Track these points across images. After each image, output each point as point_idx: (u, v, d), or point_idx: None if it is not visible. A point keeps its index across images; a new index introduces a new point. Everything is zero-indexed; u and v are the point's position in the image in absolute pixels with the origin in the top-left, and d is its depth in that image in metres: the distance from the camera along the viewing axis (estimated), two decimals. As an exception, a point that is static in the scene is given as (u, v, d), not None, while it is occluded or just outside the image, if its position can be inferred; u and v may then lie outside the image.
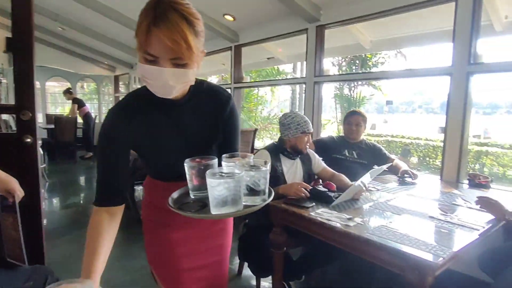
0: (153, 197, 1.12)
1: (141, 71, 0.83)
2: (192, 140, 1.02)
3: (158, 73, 0.81)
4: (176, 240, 1.09)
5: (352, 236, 1.32)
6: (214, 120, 1.04)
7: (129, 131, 0.94)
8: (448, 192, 2.03)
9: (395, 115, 50.55)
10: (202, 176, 0.85)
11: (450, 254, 1.15)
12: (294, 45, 4.18)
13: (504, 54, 5.87)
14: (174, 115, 0.98)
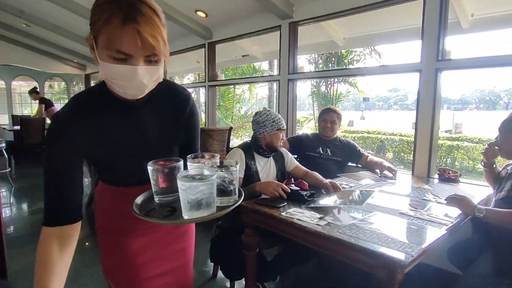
0: (108, 204, 1.03)
1: (108, 72, 0.75)
2: (152, 142, 0.95)
3: (132, 72, 0.74)
4: (137, 249, 1.01)
5: (323, 235, 1.30)
6: (174, 120, 0.98)
7: (81, 135, 0.84)
8: (419, 187, 2.05)
9: (372, 112, 51.97)
10: (168, 179, 0.82)
11: (418, 251, 1.14)
12: (269, 42, 4.15)
13: (471, 50, 6.12)
14: (132, 116, 0.91)
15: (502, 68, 2.30)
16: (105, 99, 0.85)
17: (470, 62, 2.23)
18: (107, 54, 0.72)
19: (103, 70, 0.75)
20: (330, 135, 2.61)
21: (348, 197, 1.69)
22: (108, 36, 0.71)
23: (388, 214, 1.51)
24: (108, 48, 0.72)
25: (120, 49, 0.71)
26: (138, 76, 0.75)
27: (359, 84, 10.65)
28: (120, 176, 0.99)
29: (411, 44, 2.96)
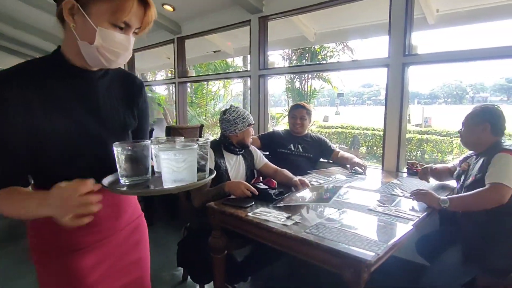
0: (44, 217, 0.78)
1: (107, 39, 0.75)
2: (107, 121, 0.87)
3: (127, 42, 0.78)
4: (86, 267, 0.88)
5: (289, 236, 1.25)
6: (128, 104, 0.94)
7: (26, 104, 0.74)
8: (388, 182, 2.06)
9: (346, 107, 53.06)
10: (137, 160, 0.81)
11: (385, 249, 1.12)
12: (241, 38, 4.07)
13: (439, 46, 6.30)
14: (88, 88, 0.84)
15: (467, 63, 2.35)
16: (60, 66, 0.80)
17: (436, 57, 2.25)
18: (109, 21, 0.74)
19: (100, 36, 0.74)
20: (301, 131, 2.58)
21: (316, 195, 1.66)
22: (114, 5, 0.73)
23: (356, 211, 1.49)
24: (113, 16, 0.74)
25: (127, 20, 0.75)
26: (130, 45, 0.80)
27: (333, 80, 10.78)
28: (68, 167, 0.83)
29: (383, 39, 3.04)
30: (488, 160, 1.58)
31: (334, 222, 1.34)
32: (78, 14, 0.74)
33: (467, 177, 1.71)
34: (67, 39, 0.79)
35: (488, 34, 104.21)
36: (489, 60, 2.14)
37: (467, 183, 1.67)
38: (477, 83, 67.09)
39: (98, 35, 0.74)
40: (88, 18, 0.73)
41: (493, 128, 1.66)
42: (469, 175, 1.70)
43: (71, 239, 0.86)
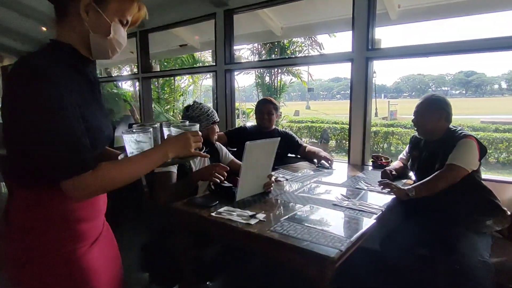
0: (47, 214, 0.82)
1: (117, 32, 0.87)
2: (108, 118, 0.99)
3: (125, 36, 0.91)
4: (97, 259, 0.91)
5: (253, 235, 1.22)
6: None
7: (71, 93, 0.79)
8: (354, 175, 2.08)
9: (317, 102, 54.03)
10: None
11: (348, 244, 1.12)
12: (208, 32, 3.97)
13: (400, 40, 6.52)
14: (92, 77, 0.93)
15: (429, 58, 2.41)
16: (76, 56, 0.87)
17: (398, 51, 2.30)
18: (118, 18, 0.87)
19: (113, 29, 0.86)
20: (269, 126, 2.56)
21: (282, 190, 1.63)
22: (123, 4, 0.86)
23: (321, 206, 1.48)
24: (118, 13, 0.86)
25: (127, 16, 0.88)
26: (126, 39, 0.92)
27: (302, 75, 10.88)
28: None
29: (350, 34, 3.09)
30: (447, 148, 1.69)
31: (298, 219, 1.32)
32: (92, 11, 0.82)
33: (422, 156, 1.83)
34: (72, 32, 0.84)
35: (448, 30, 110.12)
36: (448, 55, 2.21)
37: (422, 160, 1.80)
38: (438, 77, 70.47)
39: (112, 29, 0.85)
40: (103, 14, 0.83)
41: (447, 116, 1.78)
42: (423, 154, 1.82)
43: (79, 230, 0.88)
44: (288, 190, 1.76)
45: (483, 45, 1.98)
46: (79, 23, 0.83)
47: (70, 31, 0.84)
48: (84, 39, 0.85)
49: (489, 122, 12.50)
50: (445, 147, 1.72)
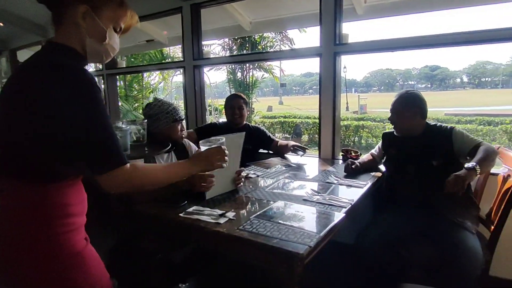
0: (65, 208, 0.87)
1: (113, 39, 0.94)
2: None
3: (118, 41, 0.97)
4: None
5: (221, 235, 1.19)
6: None
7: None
8: (324, 170, 2.09)
9: (289, 97, 54.51)
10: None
11: (317, 239, 1.11)
12: (176, 27, 3.86)
13: (367, 35, 6.69)
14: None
15: (396, 53, 2.47)
16: (83, 59, 0.93)
17: (365, 46, 2.33)
18: (112, 25, 0.93)
19: (109, 35, 0.92)
20: (240, 122, 2.52)
21: (253, 187, 1.61)
22: (117, 13, 0.92)
23: (292, 202, 1.47)
24: (113, 21, 0.92)
25: (121, 23, 0.95)
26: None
27: (274, 70, 10.91)
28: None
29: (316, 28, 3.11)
30: (440, 142, 1.75)
31: (268, 216, 1.31)
32: (89, 17, 0.88)
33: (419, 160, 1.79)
34: (71, 36, 0.88)
35: (414, 25, 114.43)
36: (412, 49, 2.26)
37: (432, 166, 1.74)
38: (405, 71, 73.17)
39: (107, 35, 0.91)
40: (99, 21, 0.89)
41: (423, 112, 1.80)
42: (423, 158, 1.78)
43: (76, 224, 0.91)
44: (259, 186, 1.74)
45: (446, 39, 2.03)
46: (76, 29, 0.88)
47: (69, 35, 0.89)
48: (82, 44, 0.90)
49: (452, 114, 13.17)
50: (434, 142, 1.76)
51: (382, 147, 2.06)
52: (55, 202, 0.85)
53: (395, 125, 1.90)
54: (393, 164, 1.93)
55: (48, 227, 0.84)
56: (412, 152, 1.84)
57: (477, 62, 64.82)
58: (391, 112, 1.90)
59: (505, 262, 1.85)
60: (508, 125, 8.72)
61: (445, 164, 1.72)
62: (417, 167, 1.80)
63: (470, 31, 1.96)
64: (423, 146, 1.80)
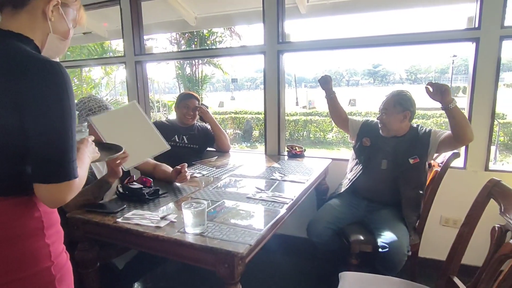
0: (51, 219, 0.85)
1: (68, 34, 0.89)
2: None
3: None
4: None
5: (161, 239, 1.15)
6: None
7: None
8: (270, 166, 2.13)
9: (241, 92, 54.59)
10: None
11: (258, 237, 1.13)
12: (116, 19, 3.65)
13: (309, 34, 6.88)
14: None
15: (342, 50, 2.56)
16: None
17: (307, 45, 2.39)
18: (73, 22, 0.90)
19: (68, 30, 0.88)
20: (192, 122, 2.47)
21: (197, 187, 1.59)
22: (79, 13, 0.91)
23: (235, 201, 1.48)
24: (75, 20, 0.91)
25: (78, 22, 0.92)
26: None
27: (224, 66, 10.83)
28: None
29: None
30: (419, 142, 1.83)
31: (210, 216, 1.30)
32: (56, 12, 0.83)
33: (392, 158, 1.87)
34: (31, 27, 0.80)
35: (362, 24, 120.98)
36: (352, 49, 2.38)
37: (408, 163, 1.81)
38: (350, 68, 76.99)
39: (64, 29, 0.87)
40: (65, 18, 0.86)
41: (412, 116, 1.86)
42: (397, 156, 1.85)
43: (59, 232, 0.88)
44: (204, 186, 1.72)
45: (383, 40, 2.18)
46: (39, 20, 0.81)
47: (29, 25, 0.80)
48: (42, 37, 0.83)
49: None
50: (414, 142, 1.84)
51: (358, 131, 2.05)
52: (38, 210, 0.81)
53: (382, 125, 1.90)
54: (367, 156, 1.94)
55: (40, 238, 0.80)
56: (389, 149, 1.88)
57: (414, 60, 70.37)
58: (380, 112, 1.91)
59: (431, 244, 2.04)
60: (438, 118, 9.60)
61: (419, 164, 1.82)
62: (391, 163, 1.86)
63: (406, 33, 2.13)
64: (403, 145, 1.86)
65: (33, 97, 0.71)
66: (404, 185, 1.81)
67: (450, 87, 1.67)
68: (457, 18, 48.20)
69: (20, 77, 0.70)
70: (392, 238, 1.62)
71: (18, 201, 0.77)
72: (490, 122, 1.93)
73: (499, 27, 1.84)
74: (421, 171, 1.82)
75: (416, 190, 1.82)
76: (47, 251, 0.80)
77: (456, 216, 2.05)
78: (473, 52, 1.92)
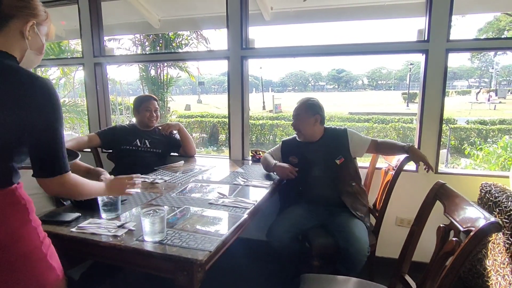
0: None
1: (43, 49, 1.03)
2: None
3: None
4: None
5: (118, 248, 1.12)
6: None
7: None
8: (234, 171, 2.14)
9: (209, 95, 54.16)
10: None
11: (217, 243, 1.13)
12: (74, 19, 3.50)
13: (275, 40, 7.02)
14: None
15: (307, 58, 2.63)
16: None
17: (270, 52, 2.45)
18: (45, 37, 1.02)
19: (43, 45, 1.02)
20: (153, 125, 2.43)
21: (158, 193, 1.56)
22: (50, 29, 1.04)
23: (197, 207, 1.47)
24: (47, 36, 1.03)
25: (51, 37, 1.06)
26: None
27: (190, 69, 10.70)
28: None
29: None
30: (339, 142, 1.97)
31: (171, 223, 1.28)
32: (32, 31, 0.95)
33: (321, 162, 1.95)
34: (11, 45, 0.93)
35: (321, 33, 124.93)
36: (313, 56, 2.45)
37: (336, 164, 1.94)
38: (316, 73, 79.03)
39: (40, 45, 1.01)
40: (40, 35, 0.99)
41: (322, 119, 1.97)
42: (325, 159, 1.95)
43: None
44: (165, 192, 1.69)
45: (343, 49, 2.30)
46: (19, 39, 0.94)
47: (11, 44, 0.93)
48: (21, 53, 0.96)
49: (354, 113, 14.78)
50: (334, 143, 1.96)
51: (281, 155, 2.11)
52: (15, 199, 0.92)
53: (297, 131, 2.02)
54: (300, 169, 1.98)
55: (28, 222, 0.93)
56: (315, 156, 1.98)
57: (375, 66, 73.68)
58: (293, 119, 2.02)
59: (387, 244, 2.14)
60: (397, 123, 10.14)
61: (346, 161, 1.94)
62: (322, 169, 1.95)
63: (364, 43, 2.24)
64: (325, 148, 1.97)
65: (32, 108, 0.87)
66: (340, 183, 1.94)
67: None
68: (409, 29, 51.64)
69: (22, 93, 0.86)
70: (353, 239, 1.69)
71: (5, 192, 0.89)
72: (439, 127, 2.08)
73: (445, 41, 1.99)
74: (350, 167, 1.97)
75: (350, 183, 1.95)
76: (35, 233, 0.94)
77: (410, 216, 2.17)
78: (423, 63, 2.06)
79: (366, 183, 2.17)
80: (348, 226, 1.78)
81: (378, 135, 9.95)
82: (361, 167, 2.22)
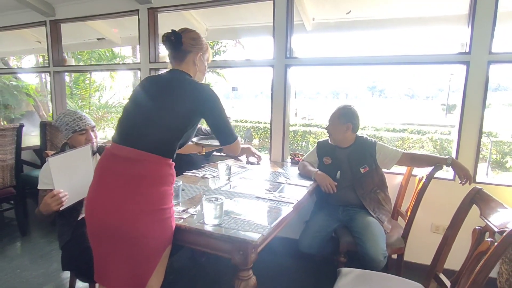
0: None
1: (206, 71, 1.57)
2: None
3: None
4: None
5: (184, 229, 1.30)
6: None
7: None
8: (275, 171, 2.29)
9: (242, 101, 54.78)
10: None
11: (269, 229, 1.28)
12: (128, 27, 3.84)
13: (315, 50, 7.12)
14: None
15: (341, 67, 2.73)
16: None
17: (313, 61, 2.60)
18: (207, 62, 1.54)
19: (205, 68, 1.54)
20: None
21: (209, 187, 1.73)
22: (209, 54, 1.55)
23: (246, 199, 1.63)
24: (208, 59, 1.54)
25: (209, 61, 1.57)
26: None
27: (226, 75, 11.03)
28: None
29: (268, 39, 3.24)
30: (367, 152, 2.07)
31: (225, 211, 1.45)
32: (199, 60, 1.43)
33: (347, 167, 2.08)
34: (189, 69, 1.41)
35: (359, 43, 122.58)
36: (353, 66, 2.56)
37: (360, 172, 2.05)
38: (351, 82, 77.67)
39: (206, 69, 1.51)
40: (203, 61, 1.47)
41: (354, 127, 2.08)
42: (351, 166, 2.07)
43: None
44: (215, 186, 1.87)
45: (382, 60, 2.37)
46: (193, 65, 1.42)
47: (189, 68, 1.41)
48: (194, 74, 1.43)
49: (390, 123, 14.46)
50: (362, 152, 2.08)
51: (317, 154, 2.25)
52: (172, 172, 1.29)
53: (330, 134, 2.17)
54: (327, 171, 2.11)
55: (169, 185, 1.28)
56: (342, 160, 2.12)
57: (413, 76, 71.34)
58: (328, 122, 2.16)
59: (418, 250, 2.19)
60: (434, 134, 9.83)
61: (370, 171, 2.05)
62: (347, 173, 2.08)
63: (404, 55, 2.32)
64: (352, 155, 2.10)
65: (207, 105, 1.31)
66: (359, 189, 2.05)
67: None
68: (450, 38, 49.13)
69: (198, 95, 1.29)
70: (368, 247, 1.79)
71: (166, 160, 1.26)
72: (478, 139, 2.11)
73: (487, 53, 2.03)
74: (374, 176, 2.07)
75: (374, 190, 2.06)
76: (171, 197, 1.28)
77: (445, 223, 2.20)
78: (464, 74, 2.11)
79: (401, 190, 2.23)
80: (367, 231, 1.86)
81: (413, 146, 9.70)
82: (396, 173, 2.30)
